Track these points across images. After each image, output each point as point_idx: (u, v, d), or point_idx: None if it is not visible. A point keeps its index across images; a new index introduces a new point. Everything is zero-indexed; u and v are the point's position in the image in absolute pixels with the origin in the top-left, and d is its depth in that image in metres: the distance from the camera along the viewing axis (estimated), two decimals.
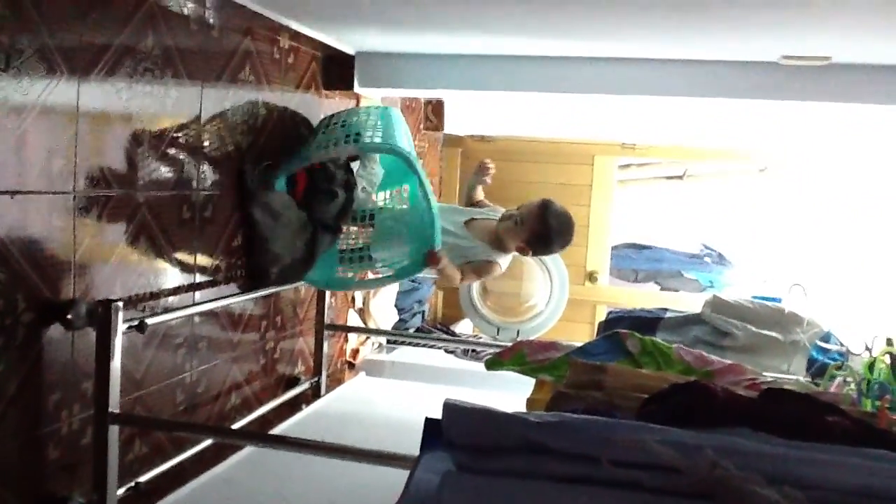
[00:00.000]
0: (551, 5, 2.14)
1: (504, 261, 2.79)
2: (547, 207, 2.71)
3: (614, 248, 5.18)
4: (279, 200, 2.49)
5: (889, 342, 1.83)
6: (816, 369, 2.47)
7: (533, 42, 2.65)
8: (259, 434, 2.35)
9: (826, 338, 2.69)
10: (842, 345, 2.56)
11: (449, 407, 1.09)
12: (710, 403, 1.10)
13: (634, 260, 5.86)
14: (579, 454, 0.99)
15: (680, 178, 5.84)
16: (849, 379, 1.92)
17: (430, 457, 1.12)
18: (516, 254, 2.81)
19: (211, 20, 2.20)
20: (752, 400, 1.18)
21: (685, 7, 2.05)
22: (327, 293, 2.98)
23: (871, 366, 1.79)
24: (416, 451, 1.22)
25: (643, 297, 5.06)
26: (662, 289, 5.89)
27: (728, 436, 1.01)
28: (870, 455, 0.98)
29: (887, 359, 1.81)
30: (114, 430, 1.79)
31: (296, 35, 2.65)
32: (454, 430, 1.06)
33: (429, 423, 1.20)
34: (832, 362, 2.39)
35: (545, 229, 2.69)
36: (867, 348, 2.01)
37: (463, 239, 2.76)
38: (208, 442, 2.18)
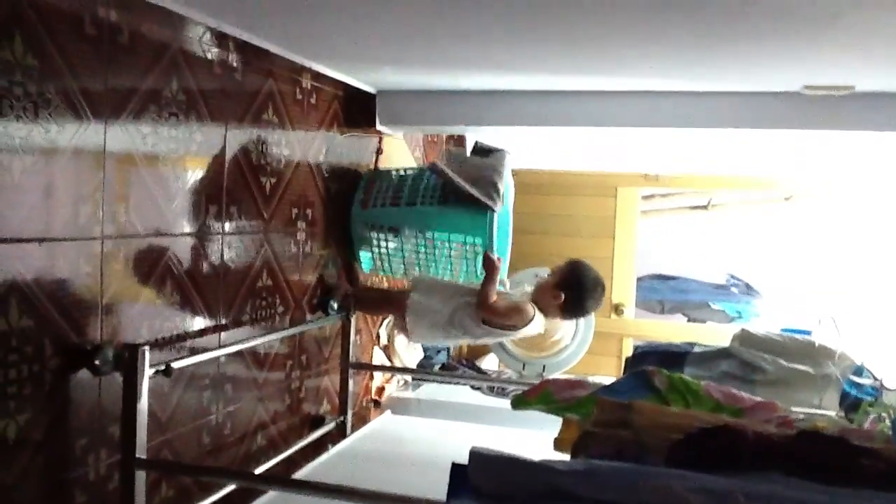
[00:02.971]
0: (572, 44, 2.15)
1: (539, 317, 2.77)
2: (578, 265, 2.77)
3: (640, 279, 5.15)
4: None
5: None
6: (849, 404, 2.41)
7: (555, 78, 2.66)
8: (283, 479, 2.33)
9: (858, 371, 2.64)
10: (875, 378, 2.51)
11: (475, 455, 1.07)
12: (741, 447, 1.08)
13: (660, 291, 5.82)
14: (608, 501, 0.97)
15: (704, 207, 5.81)
16: (883, 415, 1.89)
17: None
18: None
19: (234, 63, 2.23)
20: (784, 443, 1.15)
21: (706, 41, 2.04)
22: (352, 331, 2.97)
23: None
24: (443, 493, 1.20)
25: (670, 329, 5.01)
26: (689, 320, 5.84)
27: (760, 481, 0.99)
28: None
29: None
30: (140, 476, 1.79)
31: (317, 76, 2.68)
32: (481, 479, 1.05)
33: (455, 468, 1.18)
34: (866, 397, 2.34)
35: (579, 285, 2.71)
36: None
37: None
38: (234, 486, 2.17)
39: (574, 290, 2.71)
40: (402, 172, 3.09)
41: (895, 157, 3.68)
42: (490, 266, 2.67)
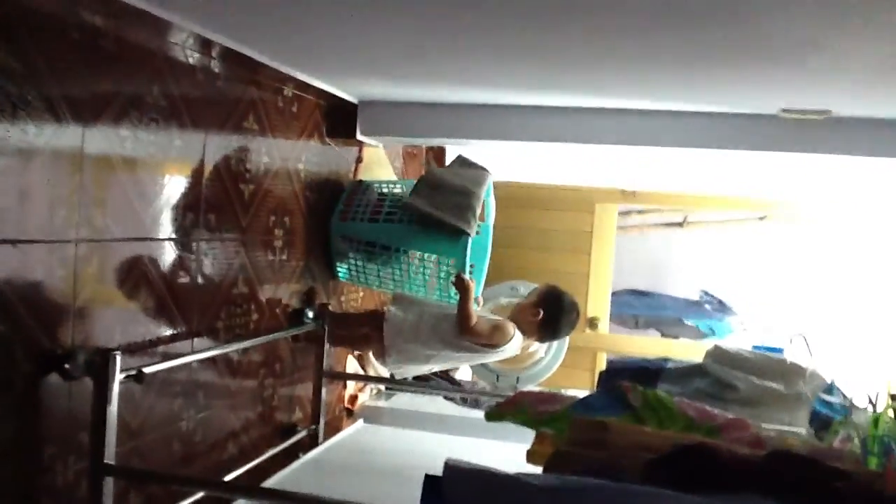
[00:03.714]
0: (554, 62, 2.16)
1: (518, 336, 2.80)
2: (556, 287, 2.88)
3: (615, 294, 5.17)
4: None
5: (893, 398, 1.82)
6: (820, 423, 2.43)
7: (535, 94, 2.67)
8: (253, 487, 2.31)
9: (829, 390, 2.66)
10: (845, 397, 2.53)
11: (450, 468, 1.07)
12: (716, 467, 1.08)
13: (635, 307, 5.86)
14: None
15: (680, 224, 5.86)
16: (852, 433, 1.91)
17: None
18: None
19: (216, 70, 2.22)
20: (758, 463, 1.16)
21: (686, 63, 2.07)
22: (325, 342, 2.96)
23: (875, 421, 1.78)
24: None
25: (644, 344, 5.04)
26: (663, 335, 5.87)
27: (735, 502, 1.00)
28: None
29: (891, 413, 1.79)
30: (109, 483, 1.77)
31: (300, 84, 2.68)
32: (455, 493, 1.05)
33: (429, 480, 1.18)
34: (836, 415, 2.36)
35: (557, 304, 2.78)
36: (871, 402, 1.99)
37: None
38: (203, 494, 2.15)
39: (552, 309, 2.80)
40: (384, 187, 3.10)
41: (870, 181, 3.74)
42: (462, 287, 2.69)
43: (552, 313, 2.82)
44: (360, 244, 2.98)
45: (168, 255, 2.09)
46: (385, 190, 3.08)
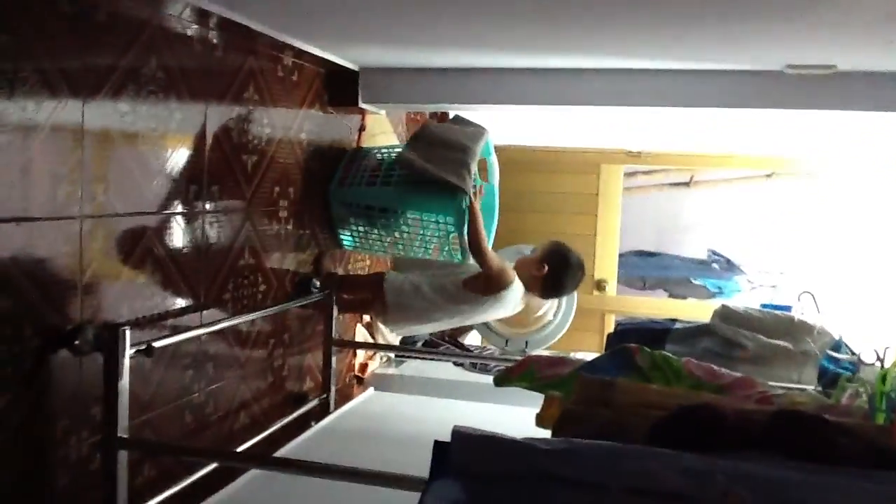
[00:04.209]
0: (555, 22, 2.14)
1: (520, 288, 2.79)
2: (563, 244, 2.85)
3: (622, 255, 5.17)
4: None
5: None
6: (828, 379, 2.44)
7: (538, 57, 2.64)
8: (265, 457, 2.34)
9: (836, 347, 2.67)
10: (853, 353, 2.54)
11: (458, 434, 1.08)
12: (721, 426, 1.09)
13: (642, 267, 5.85)
14: (588, 482, 0.98)
15: (686, 184, 5.83)
16: (860, 390, 1.91)
17: (439, 484, 1.11)
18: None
19: (214, 40, 2.20)
20: (763, 422, 1.17)
21: (689, 20, 2.04)
22: (334, 309, 2.97)
23: (883, 377, 1.78)
24: (425, 470, 1.21)
25: (652, 305, 5.05)
26: (671, 295, 5.88)
27: (739, 460, 1.00)
28: (882, 479, 0.97)
29: None
30: (122, 455, 1.79)
31: (299, 53, 2.66)
32: (463, 459, 1.05)
33: (438, 446, 1.19)
34: (843, 372, 2.37)
35: (563, 261, 2.75)
36: (879, 358, 2.00)
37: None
38: (216, 465, 2.18)
39: (557, 265, 2.77)
40: (383, 151, 3.08)
41: (876, 137, 3.71)
42: (472, 210, 2.67)
43: (557, 269, 2.78)
44: (360, 209, 2.96)
45: (173, 228, 2.09)
46: (383, 156, 3.06)
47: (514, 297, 2.79)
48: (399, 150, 3.04)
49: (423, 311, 2.82)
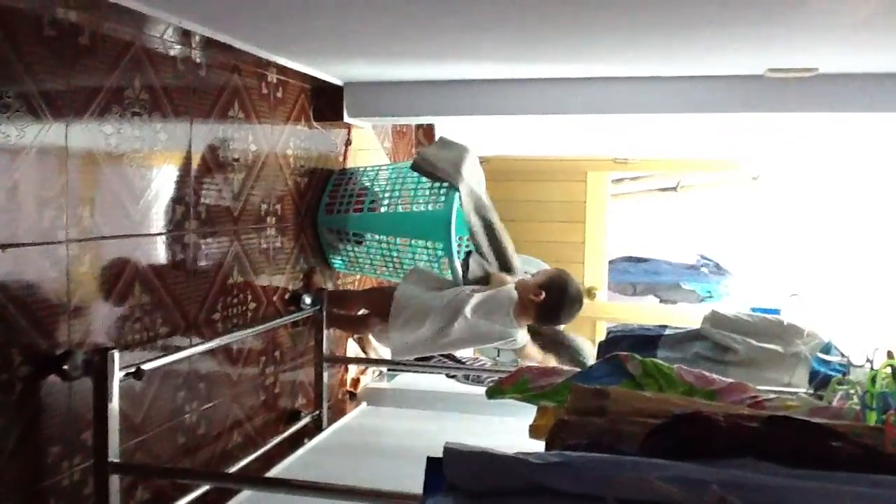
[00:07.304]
0: (536, 33, 2.15)
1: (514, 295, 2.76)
2: (565, 273, 2.79)
3: (611, 262, 5.18)
4: None
5: (890, 355, 1.82)
6: (819, 381, 2.45)
7: (520, 66, 2.65)
8: (258, 478, 2.32)
9: (827, 349, 2.68)
10: (843, 355, 2.55)
11: (449, 452, 1.08)
12: (714, 434, 1.09)
13: (632, 273, 5.86)
14: (583, 494, 0.98)
15: (674, 189, 5.85)
16: (851, 391, 1.92)
17: (433, 501, 1.11)
18: None
19: (197, 59, 2.20)
20: (755, 429, 1.17)
21: (670, 26, 2.05)
22: (324, 326, 2.96)
23: (873, 378, 1.79)
24: (419, 485, 1.21)
25: (642, 311, 5.06)
26: (661, 301, 5.89)
27: (733, 468, 1.00)
28: (875, 482, 0.97)
29: (889, 371, 1.80)
30: (115, 480, 1.77)
31: (283, 69, 2.66)
32: (456, 475, 1.05)
33: (431, 462, 1.19)
34: (834, 374, 2.38)
35: (562, 290, 2.71)
36: (868, 360, 2.01)
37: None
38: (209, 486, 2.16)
39: (555, 294, 2.69)
40: (367, 174, 3.09)
41: (859, 137, 3.73)
42: None
43: (555, 298, 2.70)
44: (348, 234, 3.00)
45: (161, 249, 2.09)
46: (367, 180, 3.07)
47: (510, 293, 2.74)
48: (387, 168, 3.06)
49: (424, 323, 2.74)
